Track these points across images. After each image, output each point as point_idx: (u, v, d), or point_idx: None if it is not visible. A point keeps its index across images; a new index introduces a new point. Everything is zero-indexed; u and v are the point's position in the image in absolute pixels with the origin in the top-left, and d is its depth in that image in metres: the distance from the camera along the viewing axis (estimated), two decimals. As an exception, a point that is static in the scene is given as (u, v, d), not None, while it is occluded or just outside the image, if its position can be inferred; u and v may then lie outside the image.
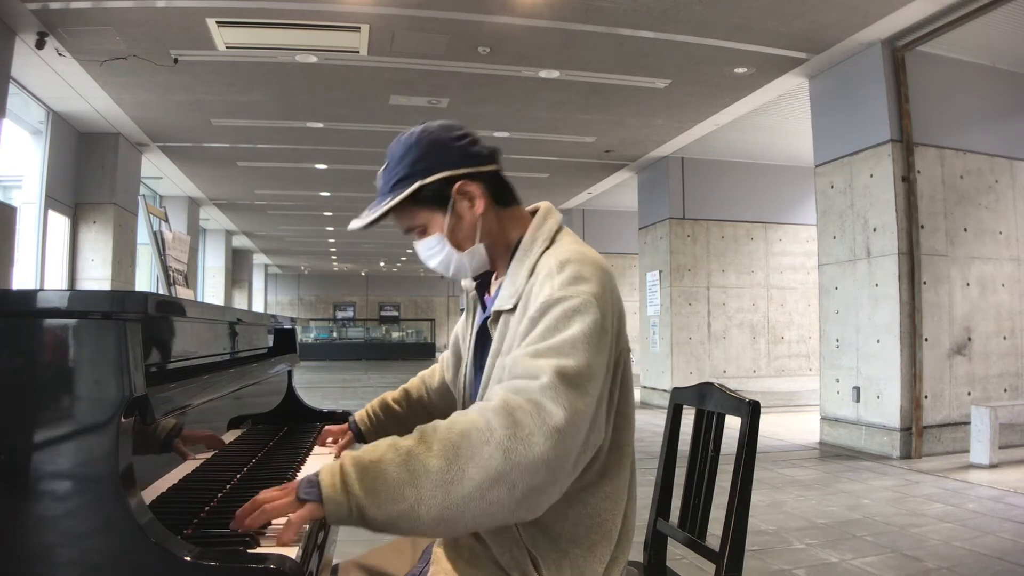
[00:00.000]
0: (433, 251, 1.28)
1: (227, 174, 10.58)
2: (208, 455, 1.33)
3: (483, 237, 1.27)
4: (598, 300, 1.11)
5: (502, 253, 1.29)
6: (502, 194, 1.29)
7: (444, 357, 1.62)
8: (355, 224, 1.27)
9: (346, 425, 1.68)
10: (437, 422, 1.04)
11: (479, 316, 1.37)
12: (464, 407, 1.34)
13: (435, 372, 1.67)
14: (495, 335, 1.24)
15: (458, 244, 1.27)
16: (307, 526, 1.00)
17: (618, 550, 1.20)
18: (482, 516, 0.98)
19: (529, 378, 1.04)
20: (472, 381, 1.35)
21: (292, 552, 0.96)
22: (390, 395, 1.67)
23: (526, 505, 0.99)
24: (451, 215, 1.24)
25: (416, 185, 1.21)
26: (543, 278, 1.16)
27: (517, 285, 1.21)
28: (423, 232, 1.27)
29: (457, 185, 1.23)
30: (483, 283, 1.37)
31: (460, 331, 1.50)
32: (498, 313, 1.24)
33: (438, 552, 1.22)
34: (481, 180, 1.25)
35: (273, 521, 0.99)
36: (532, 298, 1.16)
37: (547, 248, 1.24)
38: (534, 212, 1.33)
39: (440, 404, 1.64)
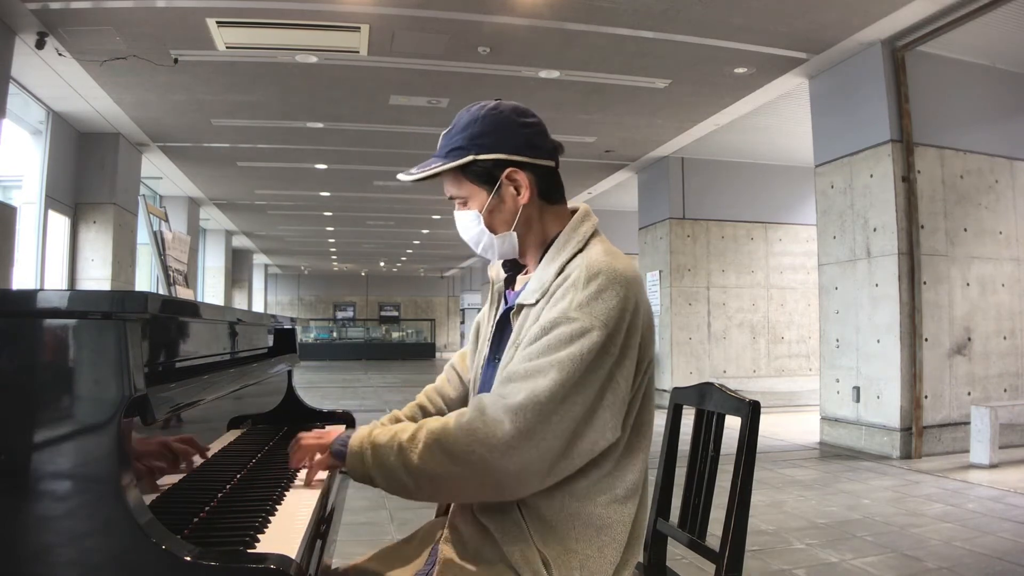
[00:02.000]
0: (468, 225, 1.31)
1: (227, 174, 10.58)
2: (208, 456, 1.33)
3: (519, 226, 1.29)
4: (608, 325, 1.13)
5: (535, 246, 1.31)
6: (551, 189, 1.31)
7: (462, 353, 1.60)
8: (403, 177, 1.31)
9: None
10: (429, 422, 1.17)
11: (501, 308, 1.38)
12: (475, 395, 1.37)
13: (446, 383, 1.61)
14: (515, 326, 1.26)
15: (493, 227, 1.29)
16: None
17: (628, 553, 1.21)
18: (460, 497, 1.22)
19: (503, 396, 1.12)
20: (484, 370, 1.36)
21: (293, 552, 0.96)
22: (400, 414, 1.58)
23: (501, 494, 1.14)
24: (494, 197, 1.27)
25: (468, 159, 1.25)
26: (568, 285, 1.18)
27: (543, 281, 1.23)
28: (464, 203, 1.31)
29: (507, 171, 1.26)
30: (510, 277, 1.39)
31: (480, 323, 1.49)
32: (520, 306, 1.26)
33: (446, 549, 1.22)
34: (533, 171, 1.28)
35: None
36: (554, 301, 1.18)
37: (579, 251, 1.24)
38: (574, 211, 1.34)
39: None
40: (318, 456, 1.30)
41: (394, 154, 9.28)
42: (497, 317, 1.37)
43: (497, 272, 1.42)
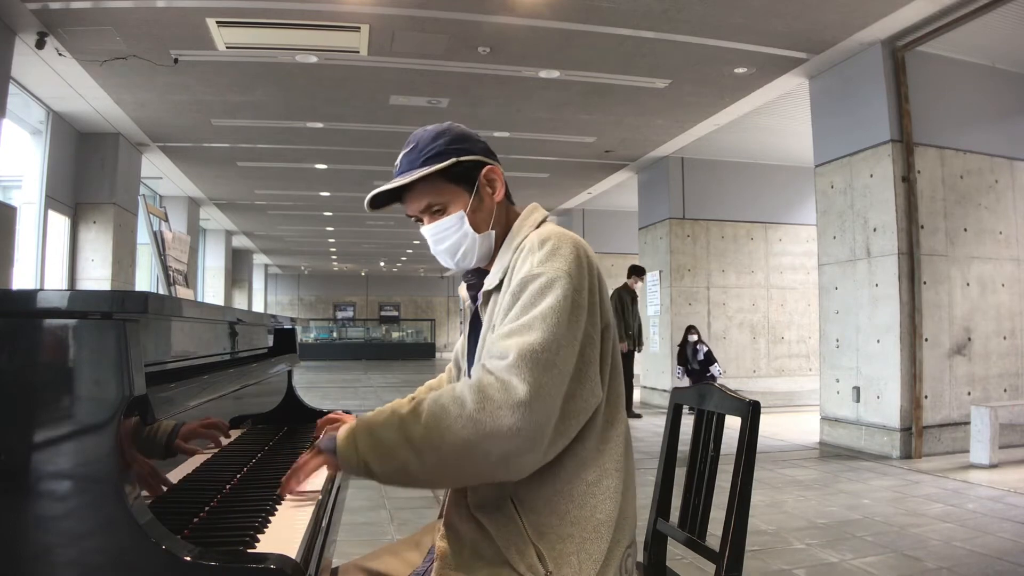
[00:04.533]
0: (448, 231, 1.34)
1: (227, 174, 10.58)
2: (208, 455, 1.33)
3: (494, 225, 1.36)
4: (572, 276, 1.18)
5: (500, 243, 1.38)
6: (509, 190, 1.41)
7: (448, 369, 1.67)
8: (377, 191, 1.34)
9: (353, 417, 1.71)
10: (432, 393, 1.15)
11: (471, 311, 1.44)
12: None
13: (442, 381, 1.70)
14: (484, 316, 1.32)
15: (476, 226, 1.34)
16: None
17: (619, 533, 1.22)
18: (465, 476, 1.15)
19: (500, 357, 1.13)
20: (467, 369, 1.42)
21: (293, 552, 0.96)
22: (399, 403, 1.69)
23: (505, 468, 1.11)
24: (475, 197, 1.33)
25: (453, 160, 1.30)
26: (525, 254, 1.25)
27: (503, 264, 1.31)
28: (441, 212, 1.34)
29: (486, 169, 1.34)
30: (474, 285, 1.43)
31: (459, 346, 1.54)
32: (487, 295, 1.33)
33: (442, 546, 1.23)
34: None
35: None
36: (515, 273, 1.24)
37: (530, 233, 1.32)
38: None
39: None
40: (309, 461, 1.21)
41: (394, 154, 9.08)
42: (470, 318, 1.44)
43: (464, 291, 1.48)
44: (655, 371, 9.59)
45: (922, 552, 3.19)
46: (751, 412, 1.36)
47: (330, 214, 15.00)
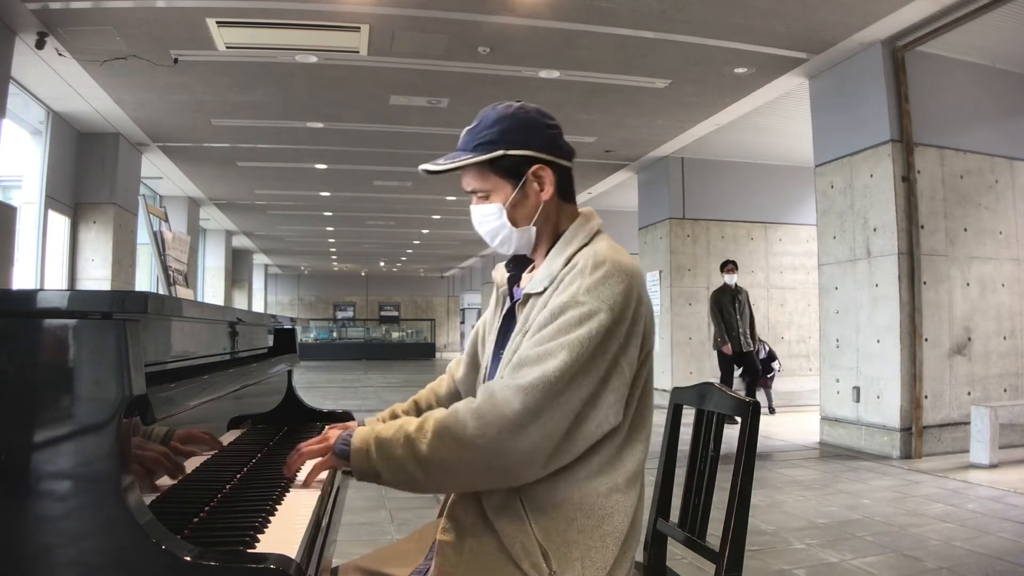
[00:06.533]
0: (488, 218, 1.34)
1: (227, 174, 10.59)
2: (208, 455, 1.33)
3: (538, 221, 1.34)
4: (614, 309, 1.18)
5: (547, 241, 1.36)
6: (566, 189, 1.37)
7: (457, 359, 1.65)
8: (428, 166, 1.34)
9: (355, 424, 1.69)
10: (436, 412, 1.20)
11: (506, 305, 1.42)
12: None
13: (442, 382, 1.68)
14: (520, 316, 1.30)
15: (515, 220, 1.33)
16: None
17: (627, 544, 1.23)
18: (469, 485, 1.21)
19: (514, 379, 1.16)
20: (491, 364, 1.40)
21: (293, 552, 0.96)
22: (400, 407, 1.66)
23: (508, 479, 1.16)
24: (519, 192, 1.32)
25: (499, 152, 1.29)
26: (577, 272, 1.23)
27: (552, 271, 1.28)
28: (485, 197, 1.34)
29: (534, 167, 1.31)
30: (514, 276, 1.43)
31: (482, 328, 1.53)
32: (527, 296, 1.31)
33: (443, 539, 1.22)
34: (555, 170, 1.34)
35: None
36: (562, 288, 1.23)
37: (586, 244, 1.30)
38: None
39: None
40: (319, 459, 1.29)
41: (394, 154, 9.28)
42: (503, 312, 1.42)
43: (501, 275, 1.46)
44: (655, 371, 9.53)
45: (922, 552, 3.19)
46: (751, 412, 1.36)
47: (330, 214, 15.00)
